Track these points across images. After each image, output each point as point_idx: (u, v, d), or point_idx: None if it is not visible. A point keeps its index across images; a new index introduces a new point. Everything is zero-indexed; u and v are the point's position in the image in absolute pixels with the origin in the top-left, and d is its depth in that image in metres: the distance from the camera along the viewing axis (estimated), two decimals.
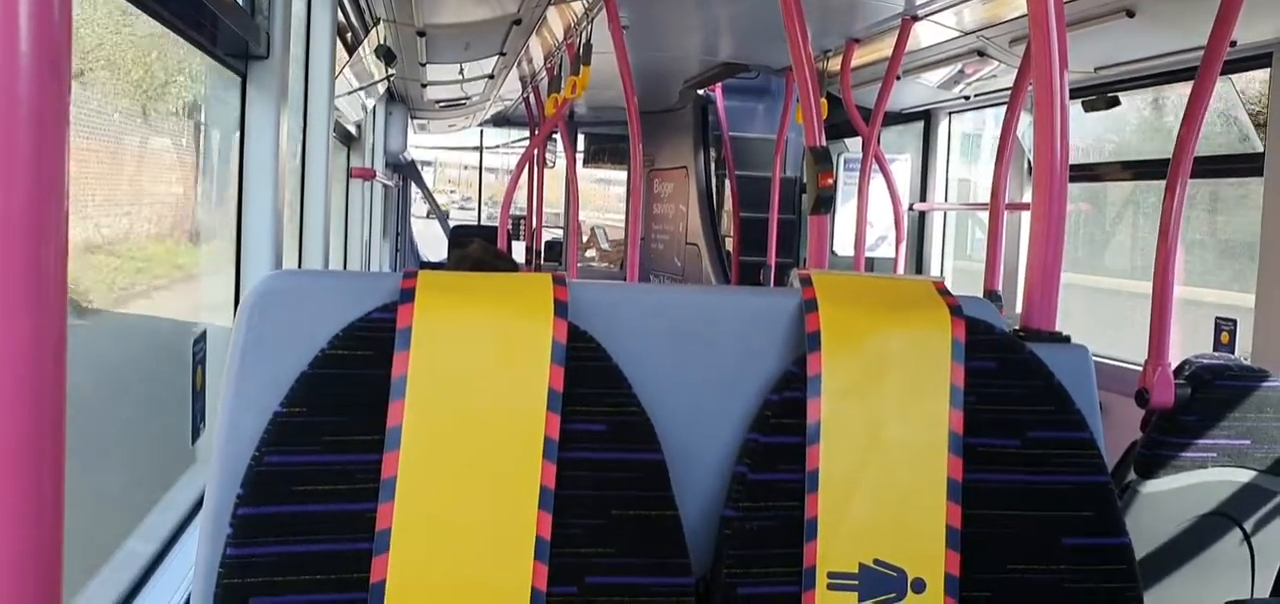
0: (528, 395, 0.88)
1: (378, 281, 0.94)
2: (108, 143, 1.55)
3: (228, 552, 0.84)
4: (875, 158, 4.51)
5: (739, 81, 6.27)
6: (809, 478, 0.93)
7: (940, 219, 5.40)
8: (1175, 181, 2.37)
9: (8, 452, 0.40)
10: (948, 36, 4.05)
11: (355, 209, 5.79)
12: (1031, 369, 0.99)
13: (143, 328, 1.80)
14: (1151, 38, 3.33)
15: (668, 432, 0.94)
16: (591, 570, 0.88)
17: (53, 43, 0.40)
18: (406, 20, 4.15)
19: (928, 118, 5.30)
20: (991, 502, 0.96)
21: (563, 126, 6.21)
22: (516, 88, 7.03)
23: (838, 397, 0.94)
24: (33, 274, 0.40)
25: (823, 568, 0.91)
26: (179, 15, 1.65)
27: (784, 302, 1.01)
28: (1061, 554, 0.96)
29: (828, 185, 2.50)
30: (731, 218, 6.85)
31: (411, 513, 0.85)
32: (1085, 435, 0.98)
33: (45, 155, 0.40)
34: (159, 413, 1.82)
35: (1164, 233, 2.37)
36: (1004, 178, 3.70)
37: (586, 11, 4.12)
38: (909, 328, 0.97)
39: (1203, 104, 2.35)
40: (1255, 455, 2.00)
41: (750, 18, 4.45)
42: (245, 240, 1.97)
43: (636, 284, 1.43)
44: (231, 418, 0.90)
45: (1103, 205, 4.81)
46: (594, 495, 0.89)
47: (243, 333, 0.91)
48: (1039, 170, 1.32)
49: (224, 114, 2.08)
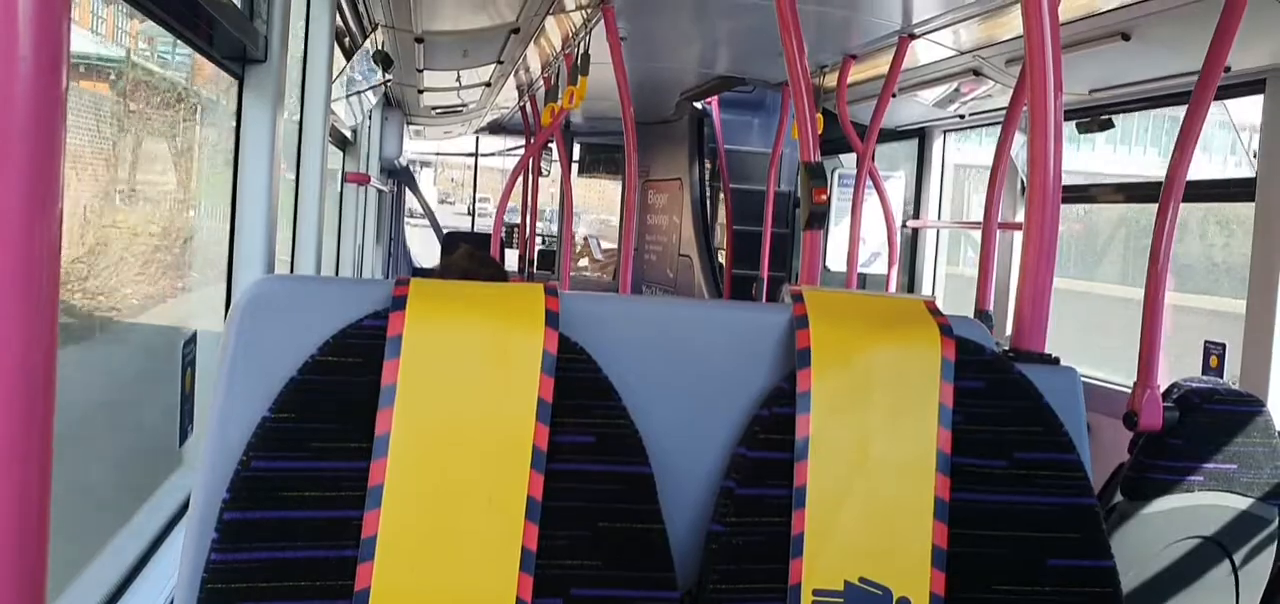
0: (517, 406, 0.88)
1: (370, 288, 0.94)
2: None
3: (213, 556, 0.84)
4: (869, 174, 4.52)
5: (735, 95, 6.28)
6: (796, 494, 0.93)
7: (933, 236, 5.41)
8: (1167, 205, 2.38)
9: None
10: (944, 55, 4.06)
11: (349, 214, 5.79)
12: (1020, 390, 0.99)
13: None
14: (1146, 61, 3.34)
15: (656, 445, 0.93)
16: (577, 583, 0.88)
17: (51, 44, 0.40)
18: (405, 26, 4.15)
19: (922, 135, 5.32)
20: (978, 522, 0.96)
21: (558, 135, 6.21)
22: (513, 97, 7.03)
23: (827, 413, 0.94)
24: (25, 273, 0.40)
25: (808, 585, 0.91)
26: (177, 17, 1.65)
27: (775, 317, 1.01)
28: (1047, 576, 0.96)
29: (822, 201, 2.50)
30: (725, 231, 6.85)
31: (398, 521, 0.84)
32: (1073, 457, 0.98)
33: (40, 156, 0.40)
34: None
35: (1154, 256, 2.38)
36: (997, 197, 3.70)
37: (585, 22, 4.12)
38: (899, 346, 0.97)
39: (1196, 128, 2.36)
40: (1242, 480, 2.01)
41: (748, 32, 4.46)
42: (238, 243, 1.96)
43: (628, 296, 1.43)
44: (220, 422, 0.90)
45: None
46: (581, 507, 0.89)
47: (233, 337, 0.91)
48: (1032, 191, 1.33)
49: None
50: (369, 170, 6.40)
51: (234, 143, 1.98)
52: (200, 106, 2.57)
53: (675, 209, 7.18)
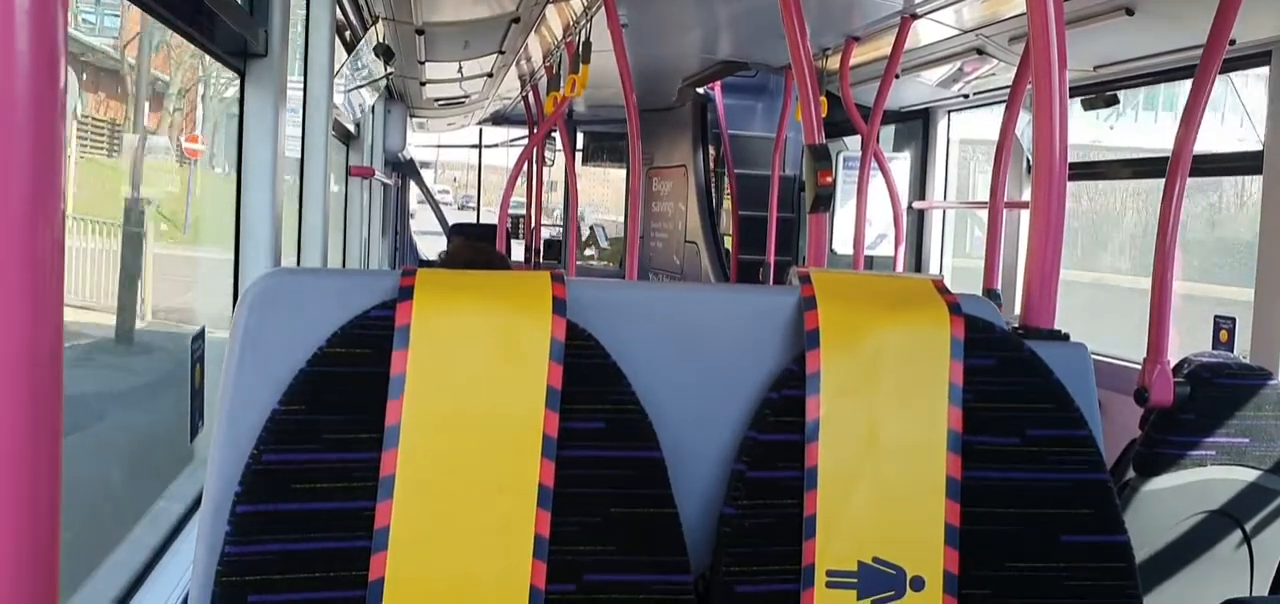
0: (526, 393, 0.88)
1: (377, 279, 0.94)
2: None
3: (226, 550, 0.84)
4: (874, 156, 4.50)
5: (738, 80, 6.27)
6: (808, 475, 0.93)
7: (939, 217, 5.40)
8: (1174, 180, 2.37)
9: (4, 450, 0.40)
10: (947, 35, 4.04)
11: (354, 207, 5.79)
12: (1031, 367, 0.99)
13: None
14: (1151, 36, 3.33)
15: (666, 429, 0.93)
16: (590, 568, 0.88)
17: (50, 41, 0.40)
18: (405, 18, 4.15)
19: (926, 116, 5.30)
20: (990, 499, 0.96)
21: (562, 124, 6.21)
22: (515, 86, 7.03)
23: (837, 394, 0.94)
24: (30, 272, 0.40)
25: (821, 566, 0.91)
26: (177, 13, 1.65)
27: (783, 300, 1.01)
28: (1060, 552, 0.96)
29: (827, 183, 2.50)
30: (730, 216, 6.84)
31: (410, 511, 0.85)
32: (1084, 433, 0.98)
33: (42, 153, 0.40)
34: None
35: (1162, 231, 2.37)
36: (1003, 176, 3.69)
37: (585, 10, 4.11)
38: (908, 326, 0.97)
39: (1201, 102, 2.35)
40: (1254, 454, 2.00)
41: (749, 16, 4.45)
42: (244, 238, 1.96)
43: (635, 282, 1.43)
44: (230, 416, 0.90)
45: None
46: (593, 493, 0.89)
47: (241, 331, 0.91)
48: (1038, 169, 1.32)
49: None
50: (373, 163, 6.41)
51: (238, 138, 1.98)
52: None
53: (680, 196, 7.17)
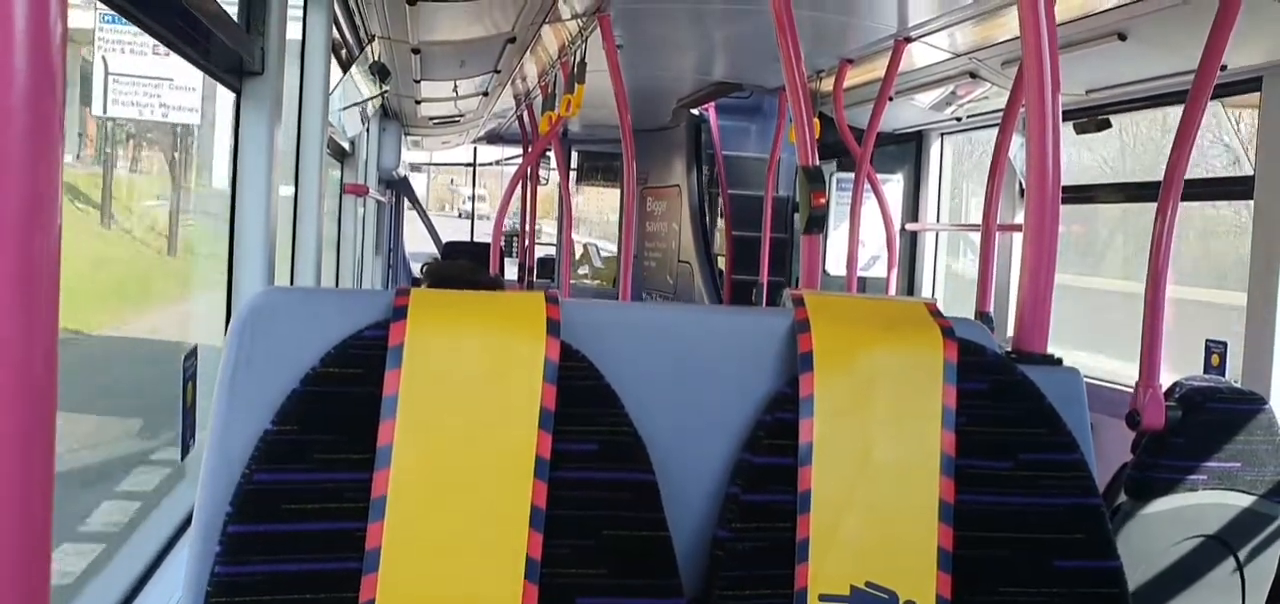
0: (519, 414, 0.87)
1: (370, 299, 0.93)
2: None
3: (216, 569, 0.84)
4: (867, 178, 4.52)
5: (732, 101, 6.28)
6: (801, 499, 0.93)
7: (932, 239, 5.41)
8: (1166, 204, 2.38)
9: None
10: (940, 58, 4.07)
11: (348, 225, 5.79)
12: (1023, 391, 0.99)
13: None
14: (1143, 61, 3.35)
15: (659, 451, 0.93)
16: (582, 591, 0.88)
17: (47, 45, 0.40)
18: (401, 37, 4.16)
19: (919, 138, 5.32)
20: (983, 524, 0.96)
21: (556, 144, 6.21)
22: (510, 105, 7.04)
23: (830, 417, 0.94)
24: (25, 275, 0.40)
25: (814, 589, 0.91)
26: (174, 31, 1.65)
27: (776, 321, 1.01)
28: (1053, 577, 0.96)
29: (820, 205, 2.50)
30: (724, 236, 6.85)
31: (401, 532, 0.84)
32: (1077, 457, 0.98)
33: (39, 157, 0.40)
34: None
35: (1155, 254, 2.38)
36: (996, 199, 3.71)
37: (581, 31, 4.13)
38: (901, 349, 0.97)
39: (1193, 127, 2.37)
40: (1246, 478, 2.00)
41: (743, 38, 4.46)
42: (237, 256, 1.96)
43: (628, 303, 1.43)
44: (222, 435, 0.90)
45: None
46: (585, 515, 0.89)
47: (234, 349, 0.91)
48: (1031, 192, 1.33)
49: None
50: (367, 181, 6.41)
51: (232, 155, 1.99)
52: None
53: (674, 216, 7.19)
